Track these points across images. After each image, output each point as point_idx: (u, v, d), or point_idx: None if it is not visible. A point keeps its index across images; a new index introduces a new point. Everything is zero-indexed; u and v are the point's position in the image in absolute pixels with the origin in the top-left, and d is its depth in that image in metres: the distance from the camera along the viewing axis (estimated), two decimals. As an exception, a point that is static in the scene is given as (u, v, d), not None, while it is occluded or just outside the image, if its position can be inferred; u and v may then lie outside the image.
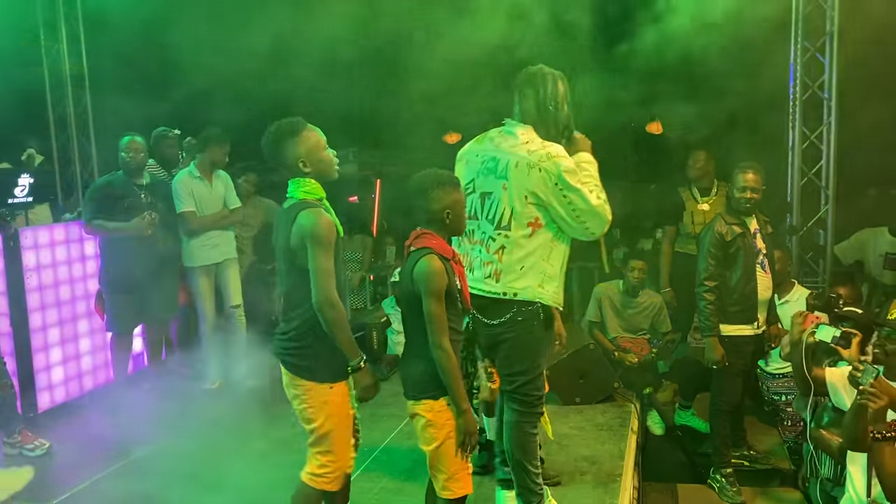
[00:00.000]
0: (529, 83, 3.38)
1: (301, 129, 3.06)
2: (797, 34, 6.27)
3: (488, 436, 4.26)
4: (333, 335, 2.94)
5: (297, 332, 3.04)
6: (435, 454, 3.02)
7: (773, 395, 5.32)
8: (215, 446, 4.77)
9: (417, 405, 3.02)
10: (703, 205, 5.97)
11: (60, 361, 5.40)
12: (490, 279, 3.31)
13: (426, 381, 2.98)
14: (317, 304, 2.92)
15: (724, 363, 4.61)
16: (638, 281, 5.75)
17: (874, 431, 3.09)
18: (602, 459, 4.44)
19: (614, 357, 5.67)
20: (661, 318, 5.82)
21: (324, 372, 3.03)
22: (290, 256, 3.00)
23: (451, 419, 2.99)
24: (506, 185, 3.25)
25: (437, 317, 2.90)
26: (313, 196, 3.04)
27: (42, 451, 4.66)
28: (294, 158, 3.02)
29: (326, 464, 3.10)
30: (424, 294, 2.90)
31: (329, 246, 2.94)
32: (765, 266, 4.69)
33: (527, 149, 3.26)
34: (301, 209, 2.97)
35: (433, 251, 2.95)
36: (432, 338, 2.91)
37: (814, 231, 6.53)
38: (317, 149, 3.07)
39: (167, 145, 6.07)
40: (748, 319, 4.64)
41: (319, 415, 3.05)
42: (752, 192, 4.56)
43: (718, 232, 4.58)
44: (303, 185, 3.05)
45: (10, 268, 5.05)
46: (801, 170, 6.44)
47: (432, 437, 3.00)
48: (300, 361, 3.05)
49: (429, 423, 3.00)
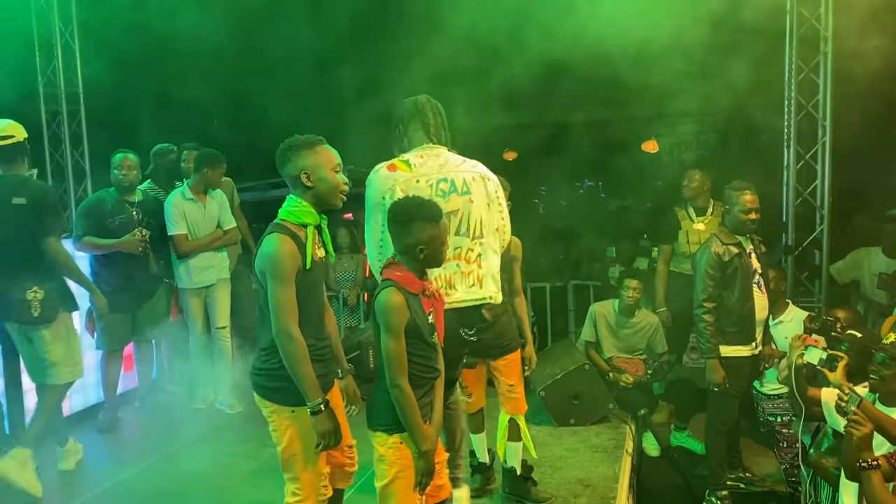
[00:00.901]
0: (424, 111, 3.48)
1: (316, 144, 2.98)
2: (792, 54, 6.29)
3: (479, 458, 4.23)
4: (289, 368, 2.83)
5: (265, 353, 2.96)
6: (382, 491, 2.90)
7: (769, 417, 5.28)
8: (203, 467, 4.73)
9: (372, 437, 2.93)
10: (698, 224, 5.95)
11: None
12: (475, 287, 3.40)
13: (381, 414, 2.89)
14: (275, 335, 2.83)
15: (725, 385, 4.58)
16: (633, 300, 5.71)
17: (860, 461, 3.03)
18: (596, 482, 4.39)
19: (609, 378, 5.63)
20: (658, 339, 5.78)
21: (285, 395, 2.92)
22: (258, 281, 2.93)
23: (402, 458, 2.87)
24: (471, 198, 3.38)
25: (393, 354, 2.78)
26: (296, 219, 2.92)
27: (30, 470, 4.58)
28: (299, 169, 2.91)
29: (296, 492, 3.00)
30: (382, 330, 2.79)
31: (287, 277, 2.81)
32: (761, 286, 4.67)
33: (470, 164, 3.46)
34: (270, 232, 2.88)
35: (395, 284, 2.83)
36: (389, 375, 2.80)
37: (809, 251, 6.52)
38: (326, 166, 2.96)
39: (171, 161, 6.05)
40: (746, 340, 4.62)
41: (283, 438, 2.97)
42: (755, 213, 4.57)
43: (716, 253, 4.57)
44: (293, 204, 2.94)
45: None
46: (795, 189, 6.44)
47: (382, 473, 2.91)
48: (266, 383, 2.96)
49: (380, 458, 2.90)
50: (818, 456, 4.04)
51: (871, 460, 3.01)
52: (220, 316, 5.73)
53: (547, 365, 5.64)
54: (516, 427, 4.06)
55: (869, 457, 3.02)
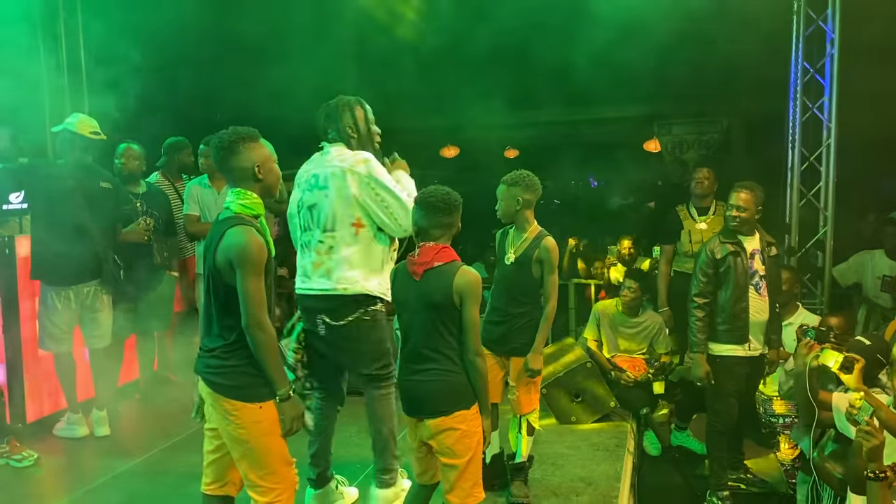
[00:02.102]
0: (336, 111, 3.69)
1: (258, 137, 3.01)
2: (797, 55, 6.28)
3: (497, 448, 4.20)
4: (261, 359, 2.85)
5: (225, 351, 2.92)
6: (469, 465, 3.06)
7: (771, 418, 5.28)
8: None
9: (449, 419, 3.03)
10: (700, 224, 5.94)
11: (51, 372, 5.32)
12: (322, 278, 3.56)
13: (459, 393, 3.06)
14: (246, 326, 2.82)
15: (709, 381, 4.63)
16: (630, 300, 5.70)
17: (868, 471, 3.01)
18: (598, 480, 4.38)
19: (611, 376, 5.62)
20: (661, 339, 5.77)
21: (255, 391, 2.90)
22: (216, 274, 2.89)
23: (479, 425, 3.09)
24: (327, 193, 3.56)
25: (477, 324, 3.05)
26: (250, 211, 2.94)
27: (30, 461, 4.59)
28: (250, 163, 2.94)
29: (273, 486, 2.94)
30: (470, 302, 3.02)
31: (259, 268, 2.84)
32: (760, 288, 4.66)
33: (339, 159, 3.59)
34: (231, 226, 2.87)
35: (461, 263, 3.09)
36: (474, 344, 3.04)
37: (811, 253, 6.52)
38: (270, 159, 3.03)
39: (186, 154, 6.04)
40: (738, 340, 4.63)
41: (251, 434, 2.91)
42: (737, 210, 4.60)
43: (710, 250, 4.65)
44: (243, 196, 2.94)
45: (4, 275, 4.99)
46: (799, 191, 6.44)
47: (467, 447, 3.05)
48: (227, 381, 2.91)
49: (464, 434, 3.04)
50: (821, 460, 4.02)
51: (878, 471, 2.98)
52: None
53: (549, 363, 5.62)
54: (527, 423, 4.06)
55: (877, 468, 2.99)
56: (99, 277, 4.96)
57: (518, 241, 3.99)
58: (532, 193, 3.95)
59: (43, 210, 4.88)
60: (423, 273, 3.07)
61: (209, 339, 2.98)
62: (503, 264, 4.02)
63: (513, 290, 3.99)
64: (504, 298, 4.01)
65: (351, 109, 3.69)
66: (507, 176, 3.96)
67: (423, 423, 3.09)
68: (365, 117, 3.72)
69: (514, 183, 3.92)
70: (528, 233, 3.98)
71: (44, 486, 4.46)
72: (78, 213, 4.79)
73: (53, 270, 4.86)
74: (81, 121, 4.90)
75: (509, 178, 3.94)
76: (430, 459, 3.20)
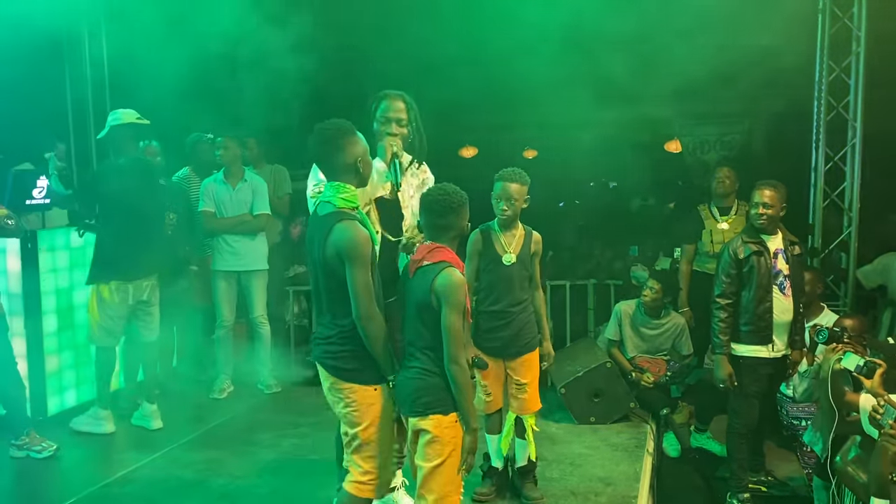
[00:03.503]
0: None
1: (356, 131, 3.05)
2: (823, 53, 6.21)
3: (493, 461, 4.16)
4: (372, 348, 2.93)
5: (340, 337, 2.98)
6: (433, 472, 2.94)
7: (793, 420, 5.21)
8: (221, 455, 4.74)
9: (424, 420, 2.95)
10: (722, 223, 5.88)
11: (72, 365, 5.37)
12: None
13: (436, 395, 2.95)
14: (357, 318, 2.89)
15: (731, 383, 4.56)
16: (651, 301, 5.65)
17: (892, 474, 2.96)
18: (617, 481, 4.35)
19: (631, 377, 5.58)
20: (683, 340, 5.72)
21: (368, 374, 2.97)
22: (326, 267, 2.94)
23: (456, 437, 2.95)
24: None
25: (458, 331, 2.90)
26: (350, 204, 2.99)
27: (49, 452, 4.63)
28: (353, 158, 2.98)
29: (370, 470, 3.01)
30: (448, 308, 2.90)
31: (366, 261, 2.90)
32: (784, 288, 4.60)
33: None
34: (338, 220, 2.92)
35: (452, 265, 2.97)
36: (451, 352, 2.90)
37: (835, 254, 6.43)
38: (367, 151, 3.06)
39: (202, 150, 6.08)
40: (762, 341, 4.57)
41: (365, 418, 2.98)
42: (763, 206, 4.53)
43: (733, 250, 4.59)
44: (342, 190, 2.98)
45: (26, 270, 5.04)
46: (823, 191, 6.36)
47: (436, 453, 2.94)
48: (344, 364, 2.98)
49: (434, 439, 2.94)
50: (844, 464, 3.96)
51: None
52: (256, 305, 5.87)
53: (568, 362, 5.60)
54: (522, 426, 4.04)
55: None
56: (158, 272, 5.05)
57: (511, 239, 3.98)
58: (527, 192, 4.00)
59: (111, 209, 4.89)
60: (415, 271, 3.04)
61: (324, 327, 3.05)
62: (501, 266, 3.97)
63: (514, 289, 3.98)
64: (506, 300, 3.97)
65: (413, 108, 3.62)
66: (511, 172, 3.93)
67: (409, 420, 3.05)
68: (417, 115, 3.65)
69: (524, 181, 3.94)
70: (518, 230, 4.01)
71: (62, 478, 4.49)
72: (143, 208, 4.86)
73: (116, 266, 4.88)
74: (125, 113, 4.95)
75: (520, 178, 3.93)
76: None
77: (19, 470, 4.56)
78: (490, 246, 4.00)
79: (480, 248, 4.02)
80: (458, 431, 2.95)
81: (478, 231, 4.02)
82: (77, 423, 5.07)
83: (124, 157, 4.94)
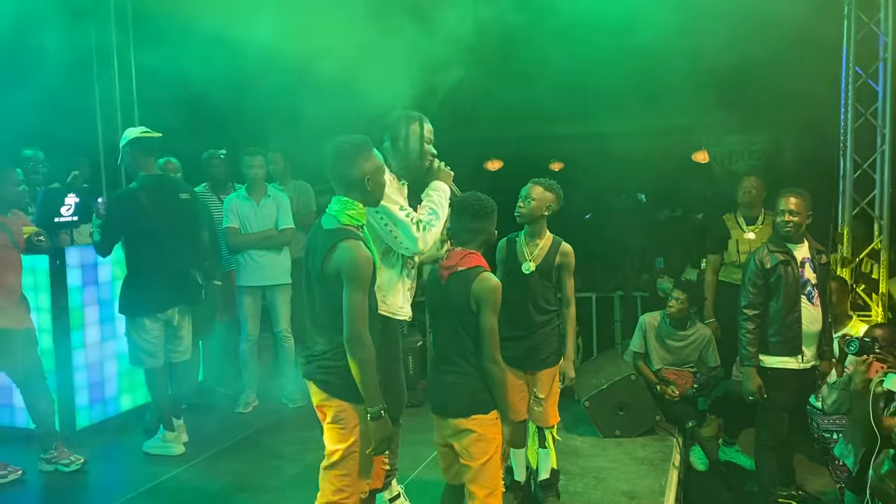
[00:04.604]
0: (387, 127, 3.63)
1: (371, 147, 3.04)
2: (849, 59, 6.12)
3: (515, 475, 4.13)
4: (358, 373, 2.86)
5: (335, 353, 2.94)
6: (481, 469, 3.09)
7: (824, 433, 5.11)
8: (245, 468, 4.76)
9: (467, 421, 3.08)
10: (748, 233, 5.81)
11: (100, 380, 5.44)
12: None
13: (476, 397, 3.10)
14: (346, 340, 2.86)
15: (761, 395, 4.47)
16: (677, 312, 5.58)
17: None
18: (642, 495, 4.29)
19: (657, 390, 5.51)
20: (711, 352, 5.63)
21: (359, 391, 2.93)
22: (324, 283, 2.93)
23: (499, 433, 3.12)
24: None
25: (494, 332, 3.09)
26: (356, 222, 2.97)
27: (76, 466, 4.68)
28: (362, 174, 2.97)
29: (343, 488, 2.99)
30: (486, 310, 3.07)
31: (365, 283, 2.88)
32: (812, 297, 4.51)
33: None
34: (342, 239, 2.89)
35: (486, 269, 3.16)
36: (488, 351, 3.08)
37: (866, 263, 6.31)
38: (380, 171, 3.05)
39: (214, 166, 6.17)
40: (791, 352, 4.47)
41: (351, 436, 2.95)
42: (789, 214, 4.44)
43: (759, 260, 4.50)
44: (349, 207, 2.97)
45: (55, 285, 5.13)
46: (853, 199, 6.25)
47: (483, 451, 3.08)
48: (338, 380, 2.95)
49: (480, 438, 3.08)
50: (878, 479, 3.86)
51: None
52: (281, 319, 5.90)
53: (592, 375, 5.55)
54: (543, 435, 4.02)
55: None
56: (184, 301, 4.96)
57: (534, 248, 3.96)
58: (558, 204, 4.01)
59: (130, 238, 4.86)
60: (448, 277, 3.18)
61: (318, 343, 3.03)
62: (521, 274, 3.96)
63: (536, 300, 3.96)
64: (526, 310, 3.95)
65: (397, 128, 3.60)
66: (541, 179, 3.95)
67: (446, 422, 3.16)
68: (414, 135, 3.60)
69: (550, 188, 3.93)
70: (544, 240, 3.99)
71: (89, 491, 4.55)
72: (160, 229, 4.77)
73: (143, 301, 4.86)
74: (131, 131, 4.95)
75: (545, 183, 3.94)
76: (452, 456, 3.24)
77: (47, 484, 4.63)
78: (512, 254, 4.02)
79: (504, 256, 4.06)
80: (500, 427, 3.12)
81: (504, 239, 4.06)
82: (148, 446, 5.02)
83: (141, 175, 4.85)
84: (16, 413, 5.18)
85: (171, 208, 4.88)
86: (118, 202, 4.97)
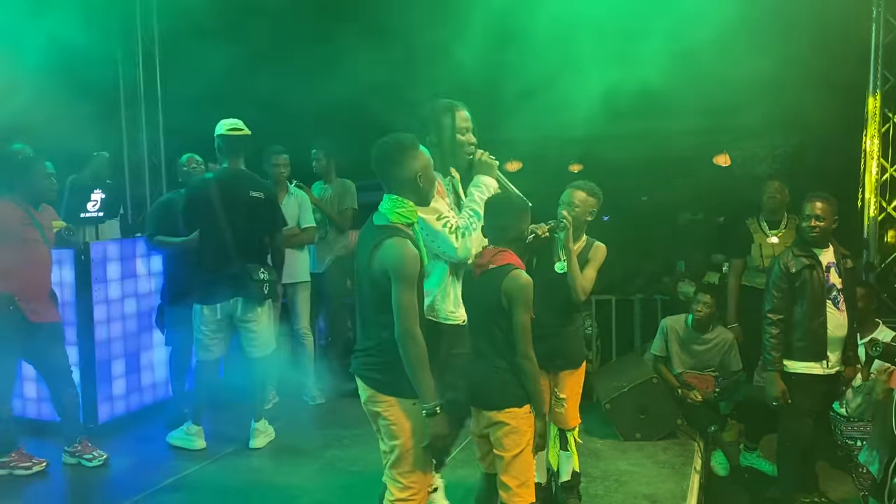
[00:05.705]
0: (425, 121, 3.49)
1: (418, 145, 3.03)
2: (877, 64, 6.06)
3: (537, 478, 4.10)
4: (411, 370, 2.85)
5: (380, 349, 2.95)
6: (514, 460, 3.17)
7: (847, 440, 5.06)
8: (267, 465, 4.79)
9: (500, 414, 3.17)
10: (772, 237, 5.76)
11: (123, 374, 5.48)
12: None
13: (510, 390, 3.18)
14: (398, 337, 2.84)
15: (785, 400, 4.43)
16: (704, 315, 5.55)
17: None
18: (662, 499, 4.27)
19: (678, 393, 5.48)
20: (733, 356, 5.59)
21: (407, 386, 2.90)
22: (371, 279, 2.92)
23: (532, 425, 3.19)
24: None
25: (527, 329, 3.15)
26: (405, 220, 2.96)
27: (100, 461, 4.72)
28: (413, 172, 2.96)
29: (409, 485, 2.97)
30: (520, 307, 3.13)
31: (412, 281, 2.86)
32: (838, 302, 4.48)
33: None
34: (389, 236, 2.89)
35: (518, 267, 3.19)
36: (521, 348, 3.14)
37: (892, 269, 6.25)
38: (430, 166, 3.03)
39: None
40: (816, 357, 4.44)
41: (401, 432, 2.94)
42: (816, 219, 4.41)
43: (784, 264, 4.47)
44: (399, 205, 2.96)
45: (80, 280, 5.18)
46: (878, 204, 6.18)
47: (515, 443, 3.16)
48: (383, 377, 2.95)
49: (513, 430, 3.16)
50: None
51: None
52: (301, 317, 5.94)
53: (613, 378, 5.53)
54: (565, 436, 4.01)
55: None
56: (242, 295, 4.87)
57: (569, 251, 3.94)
58: (597, 208, 4.01)
59: (188, 228, 4.98)
60: (481, 274, 3.23)
61: (365, 339, 3.04)
62: (552, 273, 3.95)
63: (562, 301, 3.94)
64: (552, 310, 3.90)
65: (438, 119, 3.47)
66: (583, 183, 3.95)
67: (482, 414, 3.23)
68: (452, 125, 3.46)
69: (593, 193, 3.95)
70: (580, 242, 4.02)
71: (111, 485, 4.58)
72: (222, 227, 4.81)
73: (200, 290, 4.90)
74: (223, 123, 4.93)
75: (587, 187, 3.94)
76: (488, 446, 3.31)
77: (70, 476, 4.68)
78: (549, 251, 4.01)
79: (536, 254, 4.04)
80: (531, 420, 3.20)
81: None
82: (172, 437, 5.08)
83: (221, 167, 4.93)
84: (41, 405, 5.24)
85: (238, 203, 4.86)
86: (190, 191, 5.02)
